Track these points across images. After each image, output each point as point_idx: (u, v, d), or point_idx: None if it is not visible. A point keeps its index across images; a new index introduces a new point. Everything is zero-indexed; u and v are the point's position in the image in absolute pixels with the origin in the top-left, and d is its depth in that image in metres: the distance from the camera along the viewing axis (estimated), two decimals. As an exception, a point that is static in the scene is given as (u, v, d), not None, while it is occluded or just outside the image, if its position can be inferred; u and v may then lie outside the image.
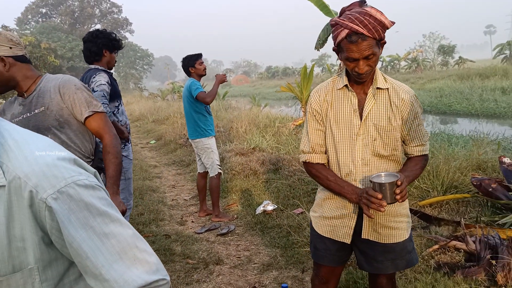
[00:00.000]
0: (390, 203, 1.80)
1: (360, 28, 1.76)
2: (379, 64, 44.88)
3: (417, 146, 2.03)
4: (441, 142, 8.33)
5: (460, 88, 22.53)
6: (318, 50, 11.81)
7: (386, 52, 56.40)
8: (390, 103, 1.95)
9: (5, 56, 2.12)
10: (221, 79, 5.09)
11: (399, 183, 1.77)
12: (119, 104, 3.52)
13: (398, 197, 1.77)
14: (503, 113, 16.02)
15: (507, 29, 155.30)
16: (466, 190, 4.91)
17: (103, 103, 3.11)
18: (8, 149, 0.91)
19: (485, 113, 16.61)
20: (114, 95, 3.44)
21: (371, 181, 1.83)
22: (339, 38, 1.83)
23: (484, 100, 18.42)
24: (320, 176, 2.08)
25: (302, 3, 10.77)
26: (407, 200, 2.07)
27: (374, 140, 1.95)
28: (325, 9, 10.74)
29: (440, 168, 5.33)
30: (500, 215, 4.10)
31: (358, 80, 1.93)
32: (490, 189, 4.31)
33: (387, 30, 1.89)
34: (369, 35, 1.77)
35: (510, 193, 4.24)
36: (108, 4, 62.28)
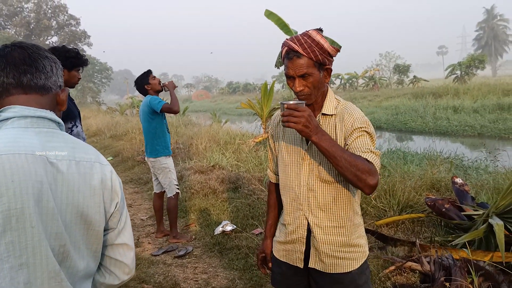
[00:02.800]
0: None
1: (295, 46, 1.82)
2: (337, 81, 45.27)
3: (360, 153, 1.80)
4: (397, 160, 8.55)
5: (414, 106, 23.34)
6: (278, 68, 11.95)
7: (345, 70, 57.74)
8: (335, 129, 1.93)
9: None
10: (173, 86, 5.07)
11: (286, 106, 1.69)
12: (73, 125, 3.39)
13: (283, 118, 1.69)
14: (455, 131, 16.67)
15: (458, 50, 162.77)
16: (421, 210, 5.02)
17: None
18: None
19: (438, 131, 17.24)
20: (67, 116, 3.31)
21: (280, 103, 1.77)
22: (283, 56, 1.90)
23: (437, 118, 19.15)
24: (269, 201, 2.31)
25: (264, 21, 10.89)
26: (360, 229, 2.02)
27: (319, 165, 1.93)
28: (285, 28, 10.88)
29: (396, 187, 5.45)
30: (453, 235, 4.20)
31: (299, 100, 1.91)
32: (444, 209, 4.43)
33: (332, 57, 1.90)
34: (304, 53, 1.81)
35: (463, 213, 4.36)
36: (66, 16, 60.77)
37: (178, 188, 5.17)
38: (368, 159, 1.72)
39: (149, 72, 5.10)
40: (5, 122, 1.15)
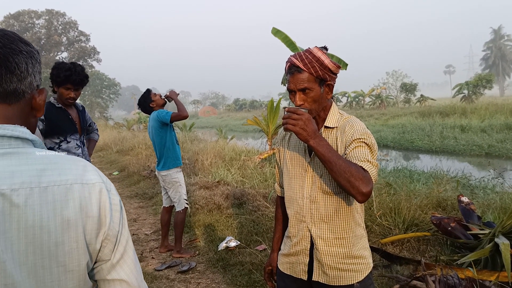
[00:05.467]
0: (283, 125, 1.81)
1: (297, 61, 1.88)
2: (344, 99, 45.31)
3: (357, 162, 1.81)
4: (403, 178, 8.50)
5: (421, 125, 23.27)
6: (285, 85, 12.01)
7: (352, 88, 57.89)
8: (337, 140, 1.96)
9: None
10: (176, 94, 5.11)
11: (286, 109, 1.79)
12: (61, 141, 3.42)
13: (283, 121, 1.79)
14: (462, 150, 16.56)
15: (465, 70, 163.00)
16: (427, 228, 4.98)
17: None
18: None
19: (445, 150, 17.14)
20: (52, 131, 3.33)
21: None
22: (286, 71, 1.96)
23: (444, 138, 19.05)
24: (276, 214, 2.35)
25: (271, 38, 11.00)
26: (363, 241, 2.03)
27: (320, 177, 1.95)
28: (291, 46, 10.96)
29: (401, 205, 5.41)
30: (459, 254, 4.16)
31: None
32: (449, 228, 4.39)
33: (335, 74, 1.94)
34: (305, 69, 1.86)
35: (468, 232, 4.32)
36: (76, 33, 61.69)
37: (187, 203, 5.18)
38: (364, 167, 1.73)
39: (149, 91, 5.19)
40: None
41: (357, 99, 53.05)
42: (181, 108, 4.96)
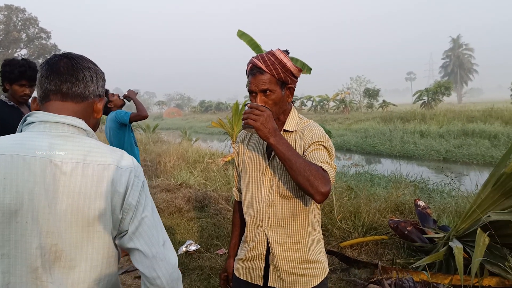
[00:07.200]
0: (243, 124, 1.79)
1: (259, 62, 1.87)
2: (309, 103, 45.68)
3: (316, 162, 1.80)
4: (364, 182, 8.64)
5: (383, 130, 23.78)
6: (249, 88, 12.01)
7: (316, 92, 58.61)
8: (295, 144, 1.95)
9: None
10: (134, 93, 5.04)
11: (248, 105, 1.77)
12: None
13: (243, 116, 1.77)
14: (421, 155, 17.00)
15: (425, 77, 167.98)
16: (385, 232, 5.06)
17: None
18: None
19: (405, 155, 17.55)
20: (5, 130, 3.15)
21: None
22: (247, 73, 1.94)
23: (404, 142, 19.52)
24: (234, 219, 2.32)
25: (237, 41, 10.97)
26: (319, 245, 2.03)
27: (278, 180, 1.93)
28: (257, 49, 10.95)
29: (361, 209, 5.48)
30: (414, 258, 4.24)
31: None
32: (406, 232, 4.47)
33: (296, 78, 1.94)
34: (267, 70, 1.86)
35: (424, 236, 4.41)
36: (37, 29, 59.87)
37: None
38: (323, 168, 1.72)
39: (107, 91, 5.05)
40: (29, 126, 1.27)
41: (321, 104, 53.74)
42: (140, 108, 4.86)
